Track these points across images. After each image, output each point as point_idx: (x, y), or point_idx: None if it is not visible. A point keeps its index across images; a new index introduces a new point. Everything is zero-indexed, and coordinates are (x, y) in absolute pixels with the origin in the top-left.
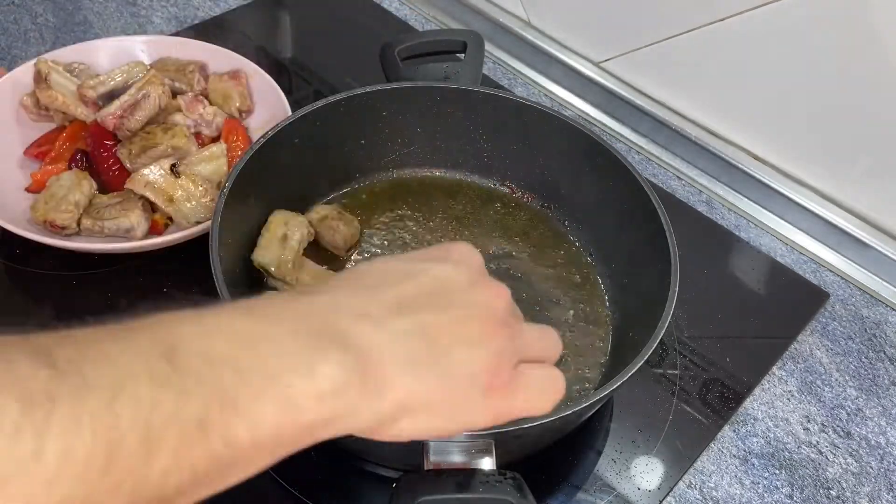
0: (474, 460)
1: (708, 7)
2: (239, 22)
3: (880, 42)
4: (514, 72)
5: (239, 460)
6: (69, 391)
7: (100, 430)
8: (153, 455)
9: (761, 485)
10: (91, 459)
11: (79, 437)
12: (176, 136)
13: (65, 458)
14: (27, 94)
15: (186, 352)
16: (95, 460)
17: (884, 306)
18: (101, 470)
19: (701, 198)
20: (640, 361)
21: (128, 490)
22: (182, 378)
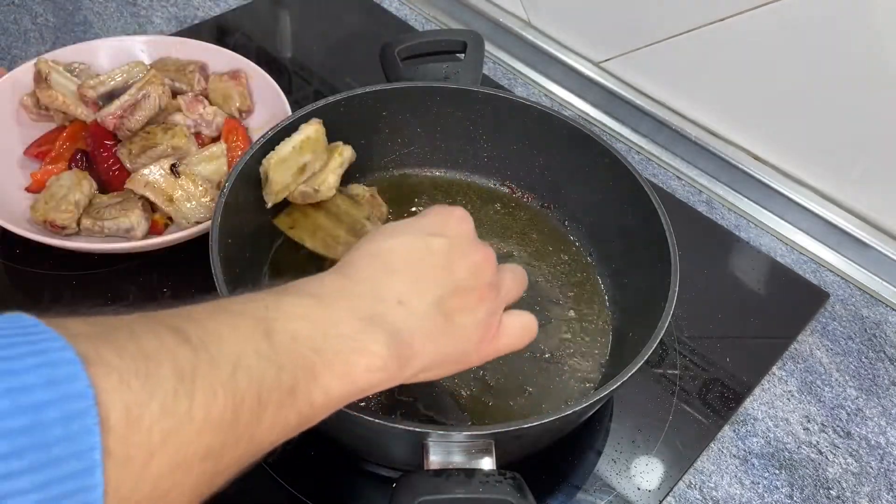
0: (474, 460)
1: (708, 7)
2: (239, 22)
3: (880, 42)
4: (514, 72)
5: (315, 416)
6: (204, 364)
7: (228, 394)
8: (262, 414)
9: (761, 485)
10: (223, 417)
11: (214, 400)
12: (176, 136)
13: (206, 416)
14: (27, 94)
15: (279, 332)
16: (226, 417)
17: (884, 306)
18: (230, 425)
19: (701, 198)
20: (640, 361)
21: (245, 440)
22: (278, 355)
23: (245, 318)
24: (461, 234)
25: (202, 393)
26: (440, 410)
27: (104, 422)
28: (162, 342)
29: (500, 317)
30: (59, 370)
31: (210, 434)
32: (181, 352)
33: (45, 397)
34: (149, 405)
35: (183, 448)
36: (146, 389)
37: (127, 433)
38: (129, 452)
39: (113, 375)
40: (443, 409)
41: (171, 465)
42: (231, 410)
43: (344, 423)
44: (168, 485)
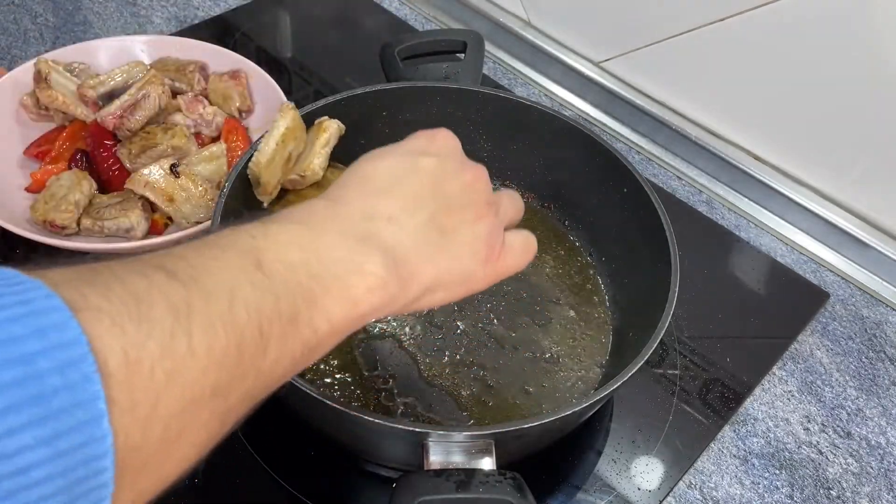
0: (474, 460)
1: (708, 7)
2: (239, 22)
3: (880, 42)
4: (514, 72)
5: (320, 345)
6: (198, 300)
7: (228, 329)
8: (266, 347)
9: (761, 485)
10: (226, 352)
11: (215, 335)
12: (176, 136)
13: (209, 352)
14: (27, 94)
15: (271, 262)
16: (230, 352)
17: (884, 306)
18: (234, 360)
19: (701, 198)
20: (640, 361)
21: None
22: (274, 284)
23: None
24: (449, 152)
25: (201, 329)
26: (440, 410)
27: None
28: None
29: (503, 236)
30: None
31: (215, 371)
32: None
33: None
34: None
35: (189, 387)
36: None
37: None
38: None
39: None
40: (443, 409)
41: (179, 407)
42: (234, 345)
43: (344, 423)
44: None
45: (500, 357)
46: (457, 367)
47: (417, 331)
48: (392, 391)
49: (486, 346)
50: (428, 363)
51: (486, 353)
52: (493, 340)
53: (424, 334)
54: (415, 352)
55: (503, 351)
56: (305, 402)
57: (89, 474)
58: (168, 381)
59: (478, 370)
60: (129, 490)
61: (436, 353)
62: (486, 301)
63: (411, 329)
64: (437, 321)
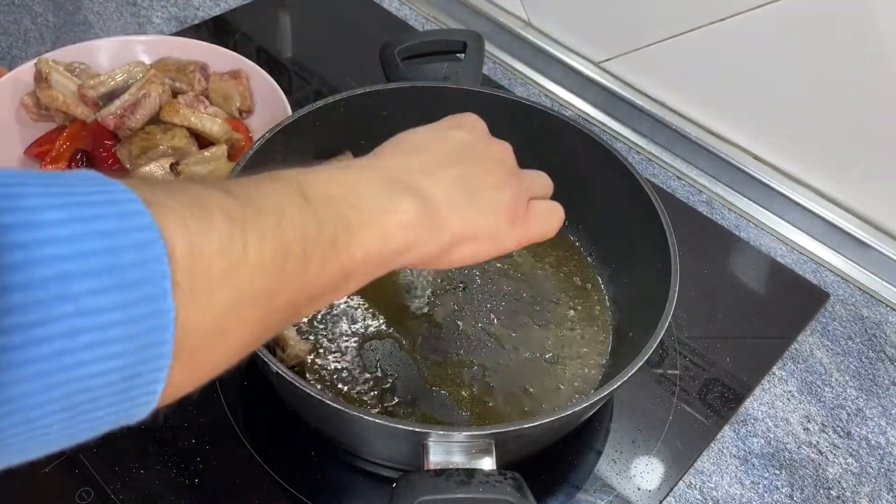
0: (474, 460)
1: (708, 7)
2: (239, 22)
3: (881, 42)
4: (514, 72)
5: (355, 272)
6: (252, 214)
7: (277, 241)
8: (308, 263)
9: (761, 485)
10: (274, 260)
11: (265, 243)
12: (176, 137)
13: (259, 259)
14: (28, 94)
15: (314, 192)
16: (277, 261)
17: (884, 306)
18: (280, 268)
19: (701, 198)
20: (640, 361)
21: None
22: (316, 210)
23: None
24: (478, 130)
25: (254, 237)
26: (440, 410)
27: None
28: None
29: (528, 203)
30: (125, 206)
31: (262, 276)
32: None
33: (117, 226)
34: (207, 243)
35: (240, 287)
36: (203, 230)
37: (191, 267)
38: (193, 284)
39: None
40: (443, 409)
41: (230, 302)
42: (280, 257)
43: (344, 423)
44: (227, 321)
45: (500, 357)
46: (457, 367)
47: (418, 331)
48: (392, 391)
49: (486, 346)
50: (428, 363)
51: (486, 353)
52: (493, 340)
53: (425, 334)
54: (415, 352)
55: (503, 351)
56: (305, 402)
57: (153, 342)
58: (223, 277)
59: (478, 370)
60: (183, 366)
61: (436, 353)
62: (486, 301)
63: (411, 329)
64: (437, 321)
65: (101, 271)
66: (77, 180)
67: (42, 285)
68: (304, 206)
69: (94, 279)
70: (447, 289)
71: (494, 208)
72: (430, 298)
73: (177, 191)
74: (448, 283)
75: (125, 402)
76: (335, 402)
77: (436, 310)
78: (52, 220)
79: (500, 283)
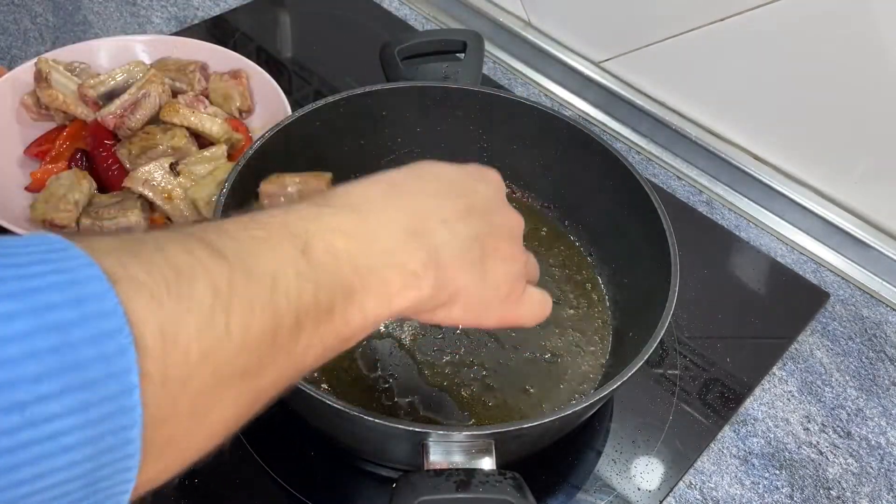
0: (474, 460)
1: (708, 7)
2: (239, 22)
3: (881, 42)
4: (514, 72)
5: (352, 336)
6: (241, 281)
7: (266, 315)
8: (300, 334)
9: (761, 485)
10: (262, 336)
11: (253, 319)
12: (176, 137)
13: (245, 335)
14: (28, 94)
15: (317, 249)
16: (265, 337)
17: (884, 306)
18: (268, 344)
19: (701, 198)
20: (640, 361)
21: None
22: (316, 273)
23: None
24: (500, 190)
25: (240, 311)
26: (440, 410)
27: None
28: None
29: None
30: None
31: (248, 353)
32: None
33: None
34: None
35: (221, 367)
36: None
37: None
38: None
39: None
40: (443, 409)
41: (210, 385)
42: (269, 331)
43: (344, 423)
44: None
45: (500, 357)
46: (457, 367)
47: (417, 331)
48: (392, 391)
49: (486, 346)
50: (428, 363)
51: (486, 353)
52: (493, 340)
53: (424, 334)
54: (415, 352)
55: (503, 351)
56: (306, 402)
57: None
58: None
59: (478, 370)
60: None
61: (436, 353)
62: None
63: (411, 329)
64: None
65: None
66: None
67: None
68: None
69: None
70: None
71: (497, 281)
72: None
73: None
74: None
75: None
76: (335, 402)
77: None
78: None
79: None
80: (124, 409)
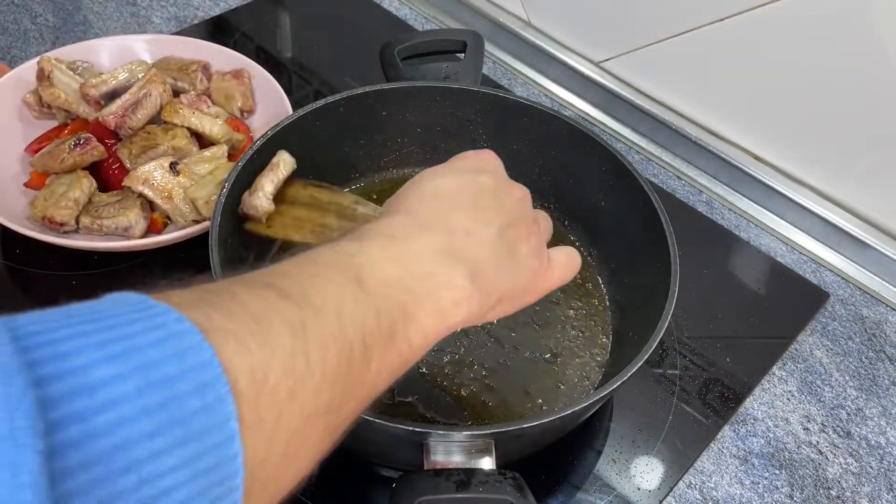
0: (474, 460)
1: (708, 7)
2: (239, 22)
3: (880, 42)
4: (514, 72)
5: (413, 357)
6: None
7: (339, 346)
8: (370, 361)
9: (761, 485)
10: (338, 368)
11: (328, 353)
12: (177, 137)
13: (323, 369)
14: (30, 92)
15: (371, 278)
16: (340, 368)
17: (884, 306)
18: (344, 375)
19: (701, 198)
20: (640, 361)
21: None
22: (374, 300)
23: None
24: (499, 171)
25: (316, 347)
26: (440, 410)
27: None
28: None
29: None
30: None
31: (329, 387)
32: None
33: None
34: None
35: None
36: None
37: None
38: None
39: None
40: (443, 409)
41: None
42: (344, 362)
43: None
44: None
45: (500, 357)
46: (457, 367)
47: None
48: (392, 391)
49: (486, 345)
50: (428, 363)
51: (486, 353)
52: (493, 340)
53: None
54: None
55: (503, 351)
56: None
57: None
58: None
59: (478, 370)
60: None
61: (436, 353)
62: None
63: None
64: None
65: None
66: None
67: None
68: (361, 297)
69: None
70: None
71: (528, 262)
72: None
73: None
74: None
75: None
76: None
77: None
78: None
79: None
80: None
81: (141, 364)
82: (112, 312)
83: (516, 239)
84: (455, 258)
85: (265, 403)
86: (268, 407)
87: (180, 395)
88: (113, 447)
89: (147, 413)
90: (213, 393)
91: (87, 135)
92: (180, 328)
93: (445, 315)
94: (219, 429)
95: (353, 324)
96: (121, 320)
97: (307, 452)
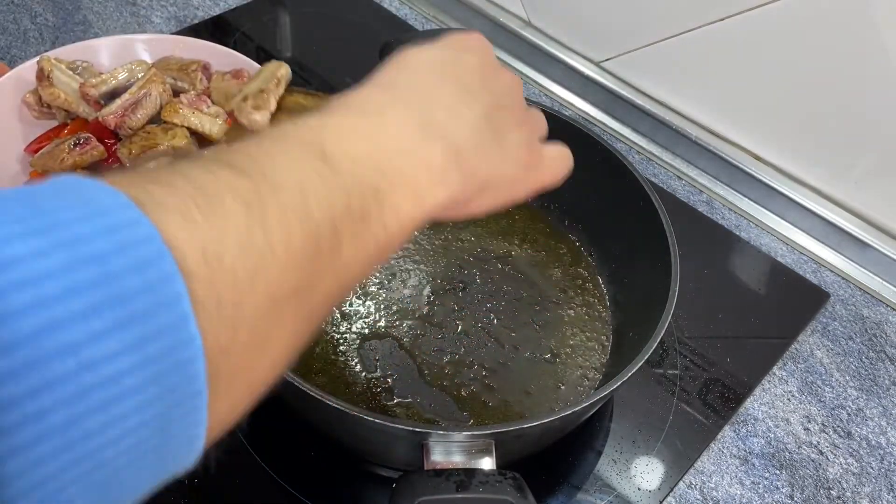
0: (474, 460)
1: (708, 7)
2: (239, 21)
3: (880, 42)
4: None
5: (390, 242)
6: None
7: (304, 225)
8: (340, 244)
9: (762, 485)
10: (304, 249)
11: (291, 231)
12: (177, 137)
13: (287, 248)
14: (30, 92)
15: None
16: (307, 250)
17: (884, 306)
18: (311, 258)
19: (701, 198)
20: (640, 361)
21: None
22: (342, 178)
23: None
24: (486, 51)
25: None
26: (440, 410)
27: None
28: (215, 175)
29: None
30: (115, 216)
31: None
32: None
33: (107, 246)
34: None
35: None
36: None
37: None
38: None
39: (174, 215)
40: (443, 409)
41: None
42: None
43: (344, 423)
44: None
45: (500, 357)
46: (457, 367)
47: (417, 331)
48: (392, 391)
49: (486, 346)
50: (428, 363)
51: (486, 353)
52: (493, 340)
53: (424, 334)
54: (415, 352)
55: (503, 351)
56: (305, 401)
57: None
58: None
59: (478, 370)
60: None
61: (436, 353)
62: (485, 301)
63: (411, 329)
64: (437, 321)
65: (100, 307)
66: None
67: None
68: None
69: (94, 320)
70: (447, 289)
71: (516, 152)
72: (430, 298)
73: (175, 179)
74: (448, 282)
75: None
76: (336, 402)
77: (435, 309)
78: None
79: (499, 283)
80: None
81: (67, 239)
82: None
83: (504, 125)
84: (433, 136)
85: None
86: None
87: (116, 272)
88: (39, 328)
89: (76, 292)
90: (155, 271)
91: (86, 135)
92: (113, 202)
93: (423, 198)
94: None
95: (319, 203)
96: (44, 196)
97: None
